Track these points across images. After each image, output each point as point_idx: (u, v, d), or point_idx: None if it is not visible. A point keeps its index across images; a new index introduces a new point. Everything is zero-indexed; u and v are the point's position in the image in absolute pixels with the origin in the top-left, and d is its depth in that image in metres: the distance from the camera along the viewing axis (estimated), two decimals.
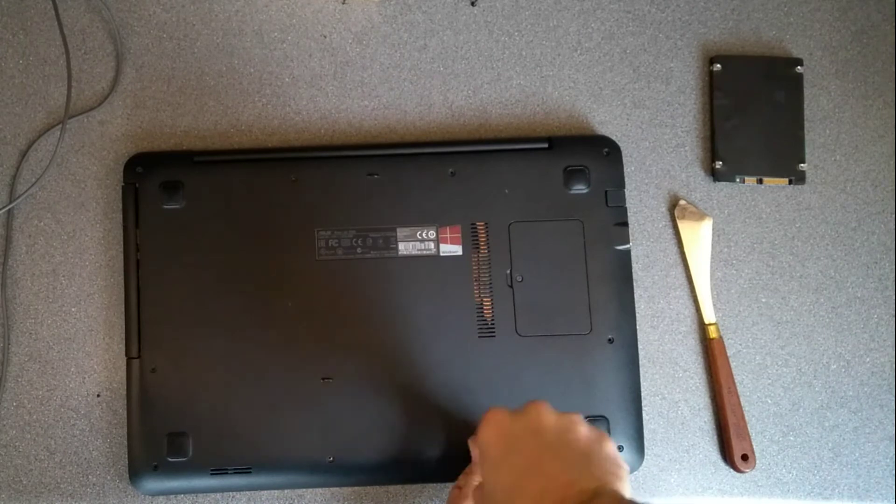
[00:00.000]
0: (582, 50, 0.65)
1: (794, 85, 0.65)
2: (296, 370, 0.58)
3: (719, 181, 0.64)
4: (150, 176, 0.60)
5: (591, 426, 0.47)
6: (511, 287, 0.60)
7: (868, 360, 0.63)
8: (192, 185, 0.60)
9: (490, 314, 0.59)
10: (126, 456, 0.59)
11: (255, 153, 0.62)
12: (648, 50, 0.65)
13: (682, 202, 0.63)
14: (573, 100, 0.65)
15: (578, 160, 0.61)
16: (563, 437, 0.46)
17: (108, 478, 0.60)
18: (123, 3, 0.64)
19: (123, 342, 0.59)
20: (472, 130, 0.64)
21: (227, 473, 0.58)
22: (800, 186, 0.64)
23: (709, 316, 0.62)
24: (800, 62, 0.65)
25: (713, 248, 0.63)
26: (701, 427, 0.61)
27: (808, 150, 0.64)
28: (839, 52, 0.66)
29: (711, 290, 0.62)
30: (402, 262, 0.60)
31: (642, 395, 0.60)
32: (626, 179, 0.62)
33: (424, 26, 0.65)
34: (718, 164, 0.63)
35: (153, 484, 0.58)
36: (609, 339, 0.59)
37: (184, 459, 0.57)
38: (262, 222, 0.60)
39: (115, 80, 0.64)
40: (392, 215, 0.60)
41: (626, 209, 0.61)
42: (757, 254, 0.63)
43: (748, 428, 0.60)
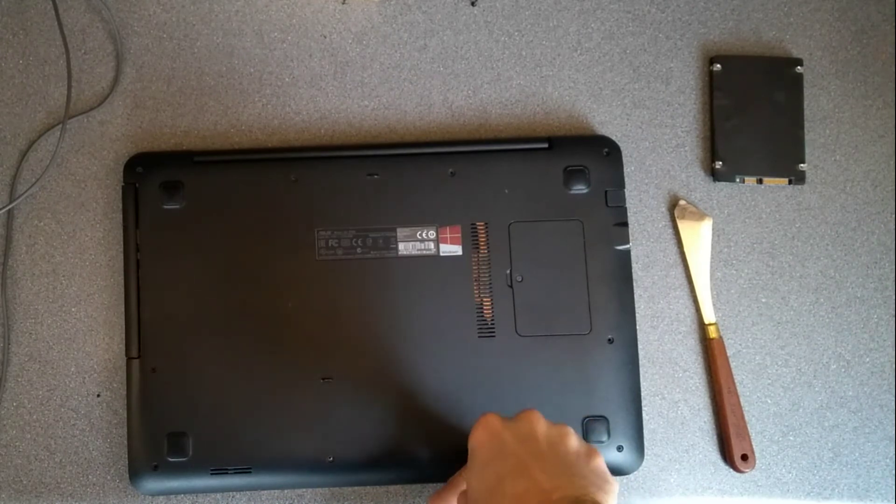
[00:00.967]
0: (582, 50, 0.65)
1: (794, 85, 0.65)
2: (296, 370, 0.58)
3: (719, 181, 0.64)
4: (150, 176, 0.60)
5: (583, 440, 0.47)
6: (511, 287, 0.60)
7: (868, 360, 0.63)
8: (192, 185, 0.60)
9: (490, 314, 0.59)
10: (126, 456, 0.59)
11: (255, 153, 0.62)
12: (648, 50, 0.65)
13: (682, 202, 0.63)
14: (573, 100, 0.65)
15: (578, 160, 0.61)
16: (553, 446, 0.46)
17: (108, 478, 0.60)
18: (123, 3, 0.65)
19: (123, 342, 0.59)
20: (472, 130, 0.64)
21: (227, 473, 0.58)
22: (800, 186, 0.64)
23: (709, 316, 0.62)
24: (800, 62, 0.65)
25: (713, 248, 0.63)
26: (701, 427, 0.61)
27: (807, 150, 0.64)
28: (839, 52, 0.66)
29: (711, 290, 0.62)
30: (402, 263, 0.60)
31: (642, 395, 0.60)
32: (626, 179, 0.62)
33: (424, 26, 0.65)
34: (718, 164, 0.63)
35: (153, 484, 0.58)
36: (609, 339, 0.59)
37: (184, 459, 0.57)
38: (262, 222, 0.60)
39: (115, 80, 0.64)
40: (392, 215, 0.60)
41: (625, 209, 0.61)
42: (757, 254, 0.63)
43: (748, 428, 0.60)
